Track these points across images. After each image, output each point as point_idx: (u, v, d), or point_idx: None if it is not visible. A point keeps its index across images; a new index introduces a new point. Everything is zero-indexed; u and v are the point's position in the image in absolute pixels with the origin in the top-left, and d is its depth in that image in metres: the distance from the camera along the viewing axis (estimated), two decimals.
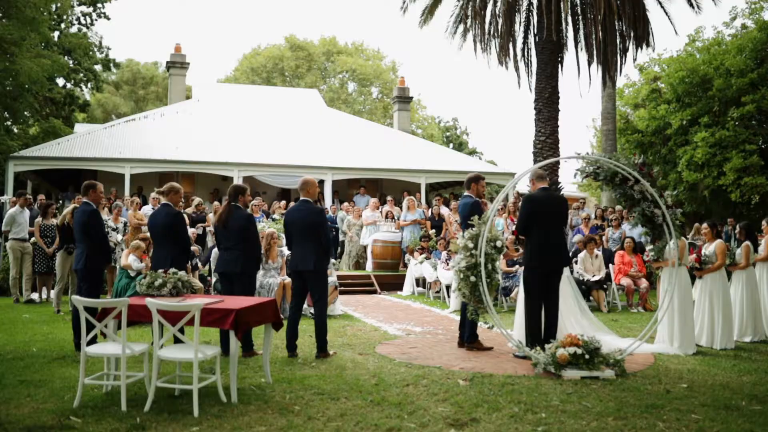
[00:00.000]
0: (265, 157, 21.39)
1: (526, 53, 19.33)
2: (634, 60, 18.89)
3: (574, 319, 8.22)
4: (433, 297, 13.79)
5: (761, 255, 9.93)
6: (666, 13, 18.98)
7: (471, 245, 6.62)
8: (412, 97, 30.33)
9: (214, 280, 10.80)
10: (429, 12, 19.77)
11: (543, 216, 7.34)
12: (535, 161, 18.42)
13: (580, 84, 33.11)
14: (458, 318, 10.98)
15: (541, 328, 7.32)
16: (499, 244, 6.62)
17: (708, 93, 27.15)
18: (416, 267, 14.35)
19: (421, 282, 14.87)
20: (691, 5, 18.74)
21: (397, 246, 16.44)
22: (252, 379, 6.51)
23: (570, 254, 9.25)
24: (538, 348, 6.78)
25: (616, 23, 17.82)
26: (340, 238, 17.98)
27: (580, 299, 8.70)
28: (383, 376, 6.61)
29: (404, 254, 16.56)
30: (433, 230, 16.32)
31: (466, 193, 8.10)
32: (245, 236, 7.53)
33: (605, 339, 7.69)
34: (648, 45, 18.12)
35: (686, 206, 28.15)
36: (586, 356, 6.48)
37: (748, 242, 9.69)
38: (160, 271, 6.66)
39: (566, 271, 8.15)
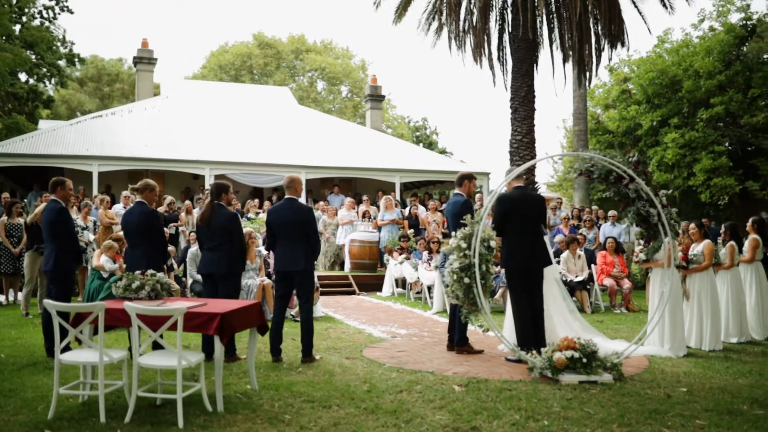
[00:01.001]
0: (237, 156, 20.96)
1: (501, 51, 19.19)
2: (609, 60, 18.93)
3: (564, 320, 8.03)
4: (413, 298, 13.54)
5: (746, 256, 9.88)
6: (640, 13, 19.00)
7: (464, 245, 6.38)
8: (384, 96, 30.10)
9: (190, 281, 10.42)
10: (403, 8, 19.51)
11: (518, 215, 7.14)
12: (511, 160, 18.29)
13: (555, 83, 33.23)
14: (442, 320, 10.83)
15: (530, 329, 7.13)
16: (492, 244, 6.40)
17: (677, 94, 27.38)
18: (396, 267, 14.09)
19: (400, 282, 14.61)
20: (664, 5, 18.76)
21: (375, 246, 16.18)
22: (237, 386, 6.20)
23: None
24: (534, 352, 6.58)
25: (591, 23, 17.78)
26: None
27: (569, 300, 8.53)
28: (374, 381, 6.34)
29: (382, 254, 16.30)
30: (411, 230, 16.09)
31: (456, 191, 7.86)
32: (230, 236, 7.22)
33: (596, 341, 7.52)
34: (623, 45, 18.09)
35: None
36: (584, 360, 6.29)
37: (732, 242, 9.62)
38: (138, 272, 6.31)
39: (555, 272, 7.96)
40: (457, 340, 7.74)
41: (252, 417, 5.26)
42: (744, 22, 27.14)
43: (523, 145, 17.77)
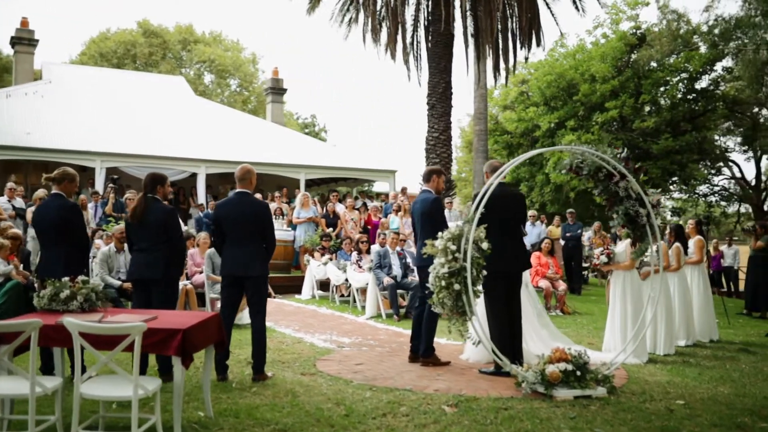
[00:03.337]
0: (131, 147, 19.27)
1: (416, 46, 18.75)
2: (526, 59, 18.89)
3: (532, 328, 7.52)
4: (339, 301, 12.69)
5: (693, 258, 9.79)
6: (552, 14, 19.08)
7: (453, 247, 5.69)
8: (285, 89, 28.92)
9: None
10: None
11: (498, 214, 6.54)
12: (428, 158, 17.88)
13: (468, 80, 33.18)
14: (380, 325, 10.12)
15: (508, 338, 6.55)
16: (484, 246, 5.73)
17: (573, 98, 28.01)
18: (319, 268, 13.16)
19: (318, 284, 13.68)
20: (576, 7, 18.90)
21: (290, 245, 15.20)
22: (187, 413, 5.21)
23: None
24: (526, 365, 5.99)
25: (509, 20, 17.65)
26: None
27: (539, 306, 8.06)
28: (349, 403, 5.52)
29: (296, 254, 15.38)
30: (330, 228, 15.23)
31: (424, 187, 7.18)
32: (167, 235, 6.19)
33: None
34: (539, 44, 18.10)
35: (549, 207, 28.96)
36: (577, 373, 5.76)
37: (678, 244, 9.48)
38: (66, 279, 5.22)
39: (525, 276, 7.42)
40: (423, 351, 7.02)
41: None
42: (634, 30, 28.14)
43: (440, 143, 17.41)
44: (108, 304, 5.47)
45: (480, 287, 5.80)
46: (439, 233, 5.90)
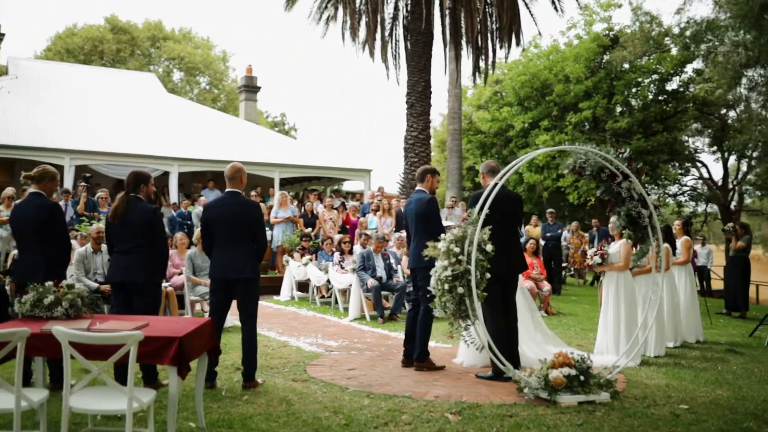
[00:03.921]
0: (101, 145, 18.78)
1: (394, 44, 18.57)
2: (506, 58, 18.81)
3: (527, 331, 7.37)
4: (319, 303, 12.43)
5: (680, 258, 9.75)
6: (531, 14, 19.05)
7: (457, 250, 5.49)
8: (260, 87, 28.47)
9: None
10: None
11: (496, 215, 6.35)
12: (406, 157, 17.73)
13: (443, 80, 33.09)
14: (365, 328, 9.91)
15: (506, 343, 6.38)
16: (488, 248, 5.55)
17: (547, 98, 28.07)
18: (299, 269, 12.85)
19: (298, 285, 13.38)
20: (555, 8, 18.89)
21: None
22: (178, 424, 4.90)
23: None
24: (529, 369, 5.83)
25: (488, 20, 17.56)
26: None
27: (534, 309, 7.92)
28: (347, 411, 5.30)
29: (274, 254, 15.08)
30: (309, 228, 14.94)
31: (418, 187, 6.98)
32: (150, 236, 5.89)
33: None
34: (518, 44, 18.05)
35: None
36: (581, 378, 5.62)
37: (666, 244, 9.41)
38: (49, 283, 4.92)
39: (520, 279, 7.26)
40: (417, 355, 6.82)
41: None
42: (607, 32, 28.29)
43: (419, 142, 17.26)
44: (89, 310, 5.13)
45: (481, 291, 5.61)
46: (442, 235, 5.71)
